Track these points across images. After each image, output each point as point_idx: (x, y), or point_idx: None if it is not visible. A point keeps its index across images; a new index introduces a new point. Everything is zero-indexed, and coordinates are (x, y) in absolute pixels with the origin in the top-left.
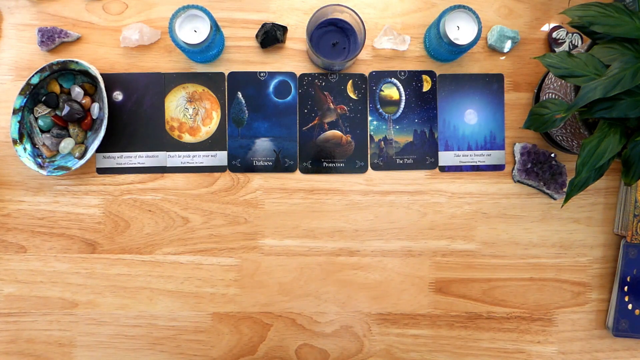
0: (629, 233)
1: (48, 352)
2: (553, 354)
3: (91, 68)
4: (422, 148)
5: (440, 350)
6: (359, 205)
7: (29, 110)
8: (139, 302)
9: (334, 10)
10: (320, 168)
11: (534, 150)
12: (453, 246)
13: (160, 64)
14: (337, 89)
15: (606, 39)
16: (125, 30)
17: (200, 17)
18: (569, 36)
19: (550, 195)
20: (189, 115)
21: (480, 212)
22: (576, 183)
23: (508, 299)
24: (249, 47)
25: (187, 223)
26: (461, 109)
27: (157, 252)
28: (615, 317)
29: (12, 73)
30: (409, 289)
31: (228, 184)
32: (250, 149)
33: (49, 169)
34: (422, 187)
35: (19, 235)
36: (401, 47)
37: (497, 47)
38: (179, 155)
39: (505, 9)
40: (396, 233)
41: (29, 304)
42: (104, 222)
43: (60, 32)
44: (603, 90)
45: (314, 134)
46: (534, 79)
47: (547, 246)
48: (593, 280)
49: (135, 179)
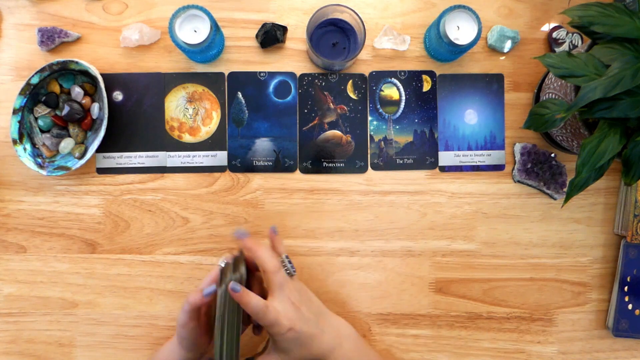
0: (629, 233)
1: (48, 352)
2: (553, 354)
3: (91, 68)
4: (422, 148)
5: (440, 350)
6: (359, 205)
7: (29, 110)
8: (139, 302)
9: (334, 10)
10: (320, 168)
11: (534, 150)
12: (453, 246)
13: (160, 64)
14: (337, 89)
15: (606, 39)
16: (125, 30)
17: (200, 17)
18: (569, 36)
19: (551, 195)
20: (189, 115)
21: (481, 212)
22: (576, 183)
23: (508, 299)
24: (249, 47)
25: (187, 223)
26: (461, 109)
27: (157, 252)
28: (615, 317)
29: (12, 73)
30: (409, 289)
31: (228, 184)
32: (250, 149)
33: (49, 169)
34: (422, 187)
35: (19, 235)
36: (401, 47)
37: (497, 47)
38: (179, 155)
39: (505, 9)
40: (396, 233)
41: (29, 304)
42: (104, 222)
43: (60, 32)
44: (603, 90)
45: (314, 134)
46: (534, 79)
47: (547, 246)
48: (593, 280)
49: (135, 179)
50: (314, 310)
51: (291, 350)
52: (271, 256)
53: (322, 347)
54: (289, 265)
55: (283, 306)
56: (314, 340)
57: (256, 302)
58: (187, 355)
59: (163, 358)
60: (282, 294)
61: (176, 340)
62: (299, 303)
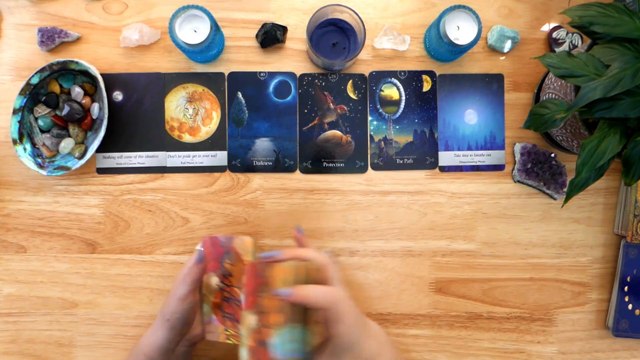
0: (629, 233)
1: (48, 352)
2: (553, 354)
3: (91, 68)
4: (422, 148)
5: (440, 350)
6: (359, 205)
7: (29, 110)
8: (139, 302)
9: (334, 10)
10: (320, 168)
11: (534, 150)
12: (453, 246)
13: (160, 64)
14: (337, 89)
15: (606, 39)
16: (125, 30)
17: (200, 17)
18: (569, 36)
19: (551, 195)
20: (189, 115)
21: (480, 212)
22: (576, 183)
23: (508, 299)
24: (249, 47)
25: (187, 223)
26: (461, 109)
27: (157, 252)
28: (615, 317)
29: (12, 73)
30: (409, 289)
31: (228, 184)
32: (250, 149)
33: (49, 169)
34: (422, 187)
35: (19, 235)
36: (401, 47)
37: (497, 47)
38: (179, 155)
39: (505, 9)
40: (396, 233)
41: (29, 304)
42: (104, 222)
43: (60, 32)
44: (603, 90)
45: (314, 134)
46: (534, 79)
47: (547, 246)
48: (593, 280)
49: (135, 179)
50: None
51: (343, 354)
52: (315, 251)
53: (369, 352)
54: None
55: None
56: (362, 343)
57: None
58: (170, 336)
59: (147, 343)
60: (341, 289)
61: (159, 321)
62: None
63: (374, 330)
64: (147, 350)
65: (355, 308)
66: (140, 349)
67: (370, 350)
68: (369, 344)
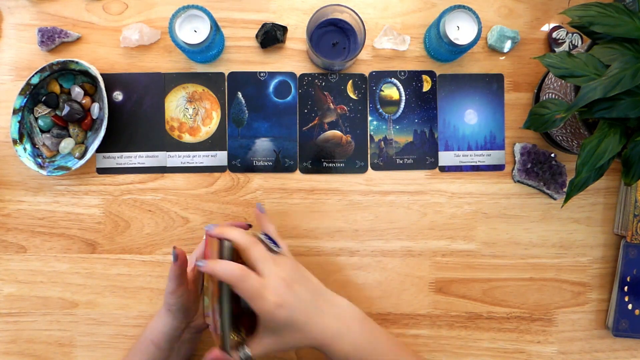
0: (629, 233)
1: (48, 352)
2: (553, 354)
3: (91, 68)
4: (422, 148)
5: (440, 350)
6: (359, 205)
7: (29, 110)
8: (139, 302)
9: (334, 10)
10: (320, 168)
11: (534, 150)
12: (453, 246)
13: (160, 64)
14: (337, 89)
15: (606, 39)
16: (125, 30)
17: (200, 17)
18: (569, 36)
19: (550, 195)
20: (189, 115)
21: (481, 212)
22: (576, 183)
23: (508, 299)
24: (249, 47)
25: (187, 223)
26: (461, 109)
27: (157, 252)
28: (615, 317)
29: (12, 73)
30: (409, 289)
31: (228, 184)
32: (250, 149)
33: (49, 169)
34: (422, 187)
35: (19, 235)
36: (401, 47)
37: (497, 47)
38: (179, 155)
39: (505, 9)
40: (396, 233)
41: (29, 304)
42: (104, 222)
43: (60, 32)
44: (603, 90)
45: (314, 134)
46: (534, 79)
47: (547, 246)
48: (593, 280)
49: (135, 179)
50: (311, 289)
51: (283, 333)
52: (242, 233)
53: (323, 332)
54: (268, 241)
55: (268, 280)
56: (311, 323)
57: (229, 267)
58: (174, 323)
59: (153, 328)
60: (266, 268)
61: (164, 309)
62: (291, 280)
63: (338, 309)
64: (154, 336)
65: (289, 288)
66: (147, 336)
67: (324, 329)
68: (323, 322)
